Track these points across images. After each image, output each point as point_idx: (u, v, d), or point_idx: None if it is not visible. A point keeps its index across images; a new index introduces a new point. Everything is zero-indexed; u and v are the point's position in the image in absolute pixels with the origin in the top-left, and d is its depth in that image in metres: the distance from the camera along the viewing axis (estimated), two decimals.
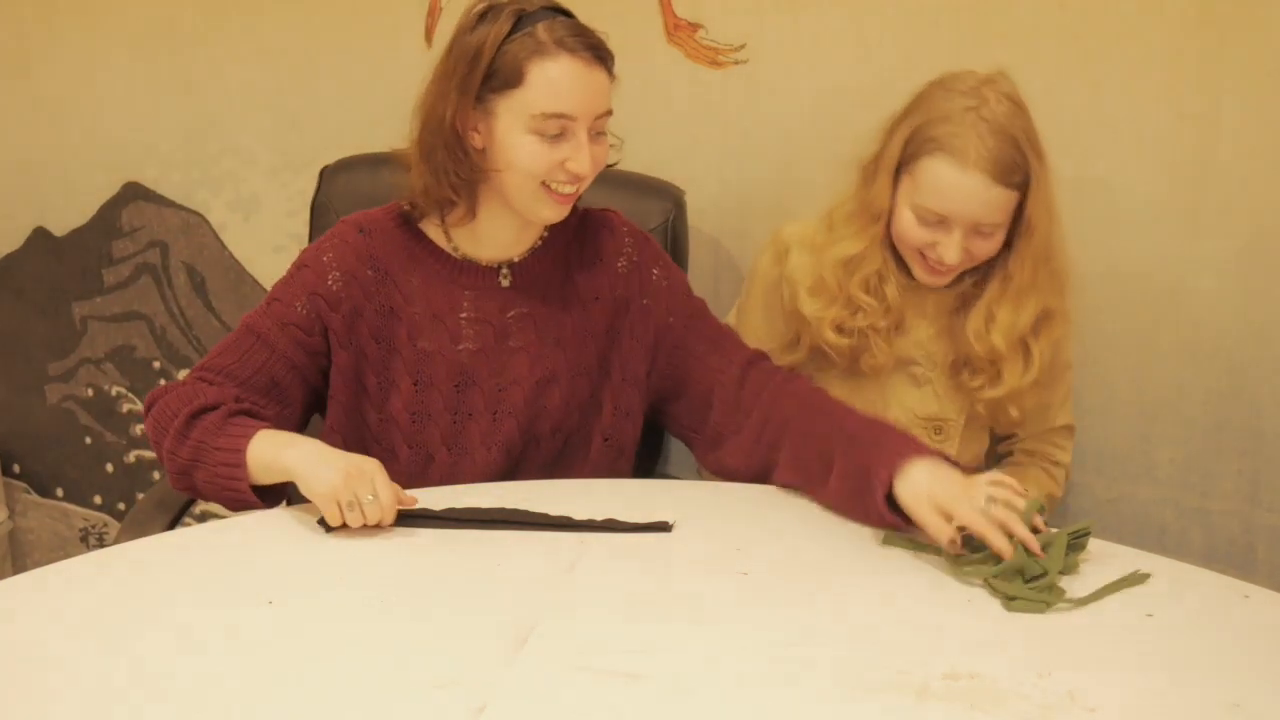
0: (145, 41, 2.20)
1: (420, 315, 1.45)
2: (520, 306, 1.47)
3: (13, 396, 2.51)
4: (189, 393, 1.39)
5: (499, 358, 1.46)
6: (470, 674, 1.05)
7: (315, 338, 1.44)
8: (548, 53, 1.34)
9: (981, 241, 1.48)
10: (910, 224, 1.48)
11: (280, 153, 2.18)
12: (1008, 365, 1.52)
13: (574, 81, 1.34)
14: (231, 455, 1.33)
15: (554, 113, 1.35)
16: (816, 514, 1.38)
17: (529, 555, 1.26)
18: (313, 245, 1.48)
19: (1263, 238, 1.63)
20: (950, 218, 1.45)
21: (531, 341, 1.47)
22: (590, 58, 1.35)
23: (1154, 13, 1.61)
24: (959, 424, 1.58)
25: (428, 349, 1.45)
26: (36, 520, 2.58)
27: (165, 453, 1.38)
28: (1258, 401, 1.69)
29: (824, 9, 1.74)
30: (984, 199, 1.44)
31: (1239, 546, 1.75)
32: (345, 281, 1.43)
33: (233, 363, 1.42)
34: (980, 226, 1.46)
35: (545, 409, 1.47)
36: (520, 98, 1.35)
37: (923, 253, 1.50)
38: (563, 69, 1.34)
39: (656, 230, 1.71)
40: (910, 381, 1.58)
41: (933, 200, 1.45)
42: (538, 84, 1.34)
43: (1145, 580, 1.21)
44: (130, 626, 1.12)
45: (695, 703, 1.02)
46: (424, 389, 1.45)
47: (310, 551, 1.27)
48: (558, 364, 1.47)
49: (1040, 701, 1.02)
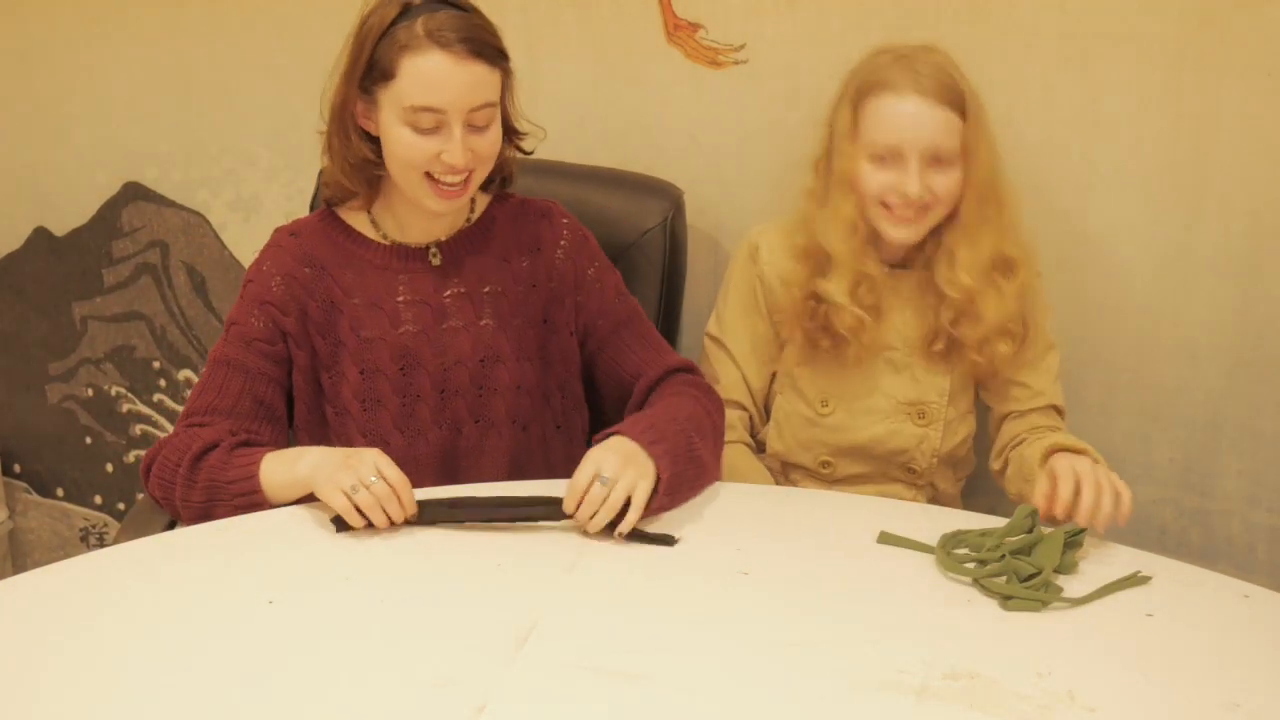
0: (146, 41, 2.20)
1: (359, 305, 1.47)
2: (456, 287, 1.50)
3: (13, 396, 2.51)
4: (184, 442, 1.40)
5: (440, 338, 1.48)
6: (470, 674, 1.05)
7: (279, 345, 1.47)
8: (418, 46, 1.36)
9: (938, 175, 1.49)
10: (868, 173, 1.51)
11: (280, 153, 2.18)
12: (981, 299, 1.53)
13: (443, 76, 1.36)
14: (246, 484, 1.35)
15: (423, 106, 1.37)
16: (816, 514, 1.39)
17: (529, 555, 1.26)
18: (253, 262, 1.51)
19: (1263, 238, 1.63)
20: (901, 147, 1.48)
21: (470, 321, 1.49)
22: (463, 51, 1.36)
23: (1154, 13, 1.61)
24: (941, 406, 1.59)
25: (370, 336, 1.47)
26: (36, 520, 2.58)
27: (178, 502, 1.39)
28: (1257, 401, 1.69)
29: (824, 9, 1.74)
30: (928, 119, 1.47)
31: (1239, 546, 1.75)
32: (287, 284, 1.47)
33: (215, 398, 1.44)
34: (934, 153, 1.48)
35: (494, 389, 1.50)
36: (394, 90, 1.38)
37: (885, 202, 1.51)
38: (432, 63, 1.36)
39: (655, 230, 1.72)
40: (890, 368, 1.59)
41: (880, 133, 1.49)
42: (407, 77, 1.37)
43: (1146, 582, 1.21)
44: (130, 626, 1.12)
45: (695, 703, 1.02)
46: (370, 376, 1.47)
47: (310, 551, 1.27)
48: (500, 344, 1.50)
49: (1040, 701, 1.02)
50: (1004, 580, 1.20)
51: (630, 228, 1.71)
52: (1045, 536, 1.27)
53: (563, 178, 1.70)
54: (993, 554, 1.24)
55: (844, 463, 1.62)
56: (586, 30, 1.90)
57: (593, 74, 1.91)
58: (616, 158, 1.88)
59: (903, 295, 1.59)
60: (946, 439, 1.60)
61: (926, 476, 1.62)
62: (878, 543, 1.29)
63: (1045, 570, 1.20)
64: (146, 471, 1.43)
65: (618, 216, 1.70)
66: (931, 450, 1.60)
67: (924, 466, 1.61)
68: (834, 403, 1.60)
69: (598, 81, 1.91)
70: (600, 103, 1.92)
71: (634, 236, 1.71)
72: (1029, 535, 1.28)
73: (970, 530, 1.29)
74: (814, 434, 1.62)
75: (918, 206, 1.50)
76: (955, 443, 1.61)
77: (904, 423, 1.59)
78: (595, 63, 1.91)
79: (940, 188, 1.50)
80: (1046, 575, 1.20)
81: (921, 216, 1.52)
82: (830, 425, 1.60)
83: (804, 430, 1.62)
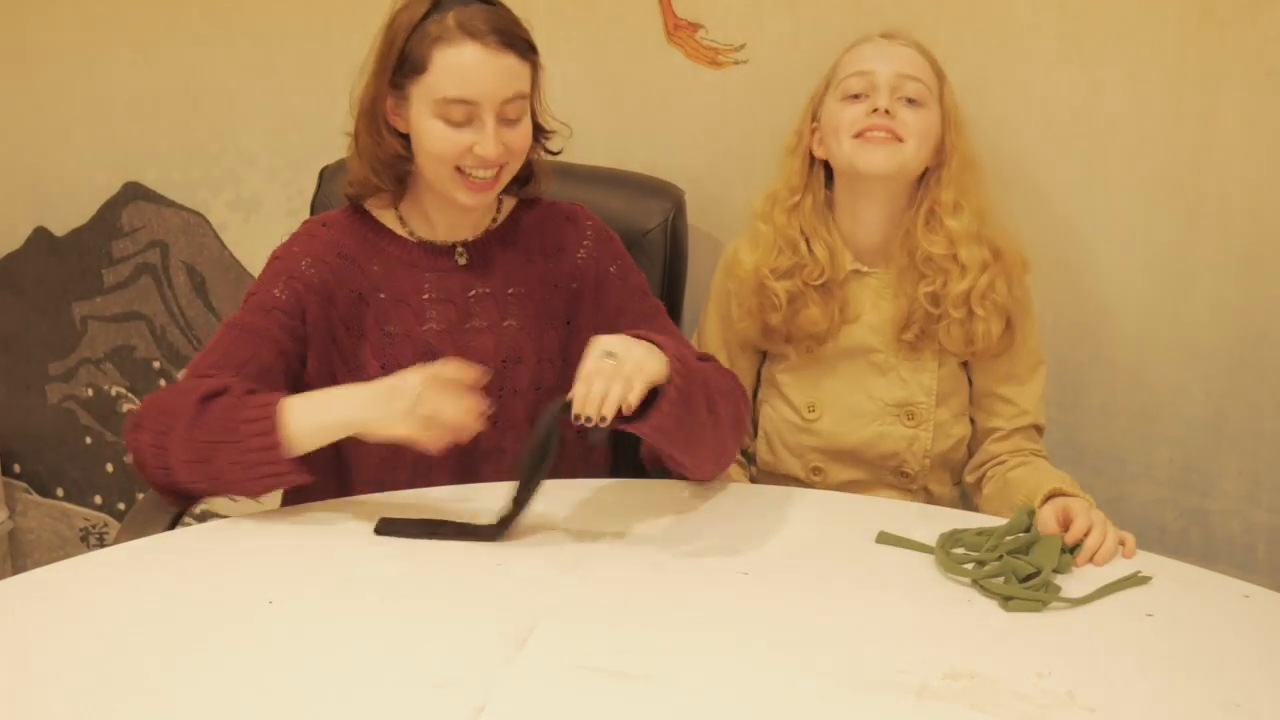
0: (146, 41, 2.20)
1: (386, 300, 1.47)
2: (480, 287, 1.49)
3: (13, 396, 2.51)
4: (190, 386, 1.34)
5: (463, 337, 1.48)
6: (470, 674, 1.05)
7: (297, 321, 1.44)
8: (451, 38, 1.36)
9: (910, 111, 1.53)
10: (838, 110, 1.55)
11: (280, 153, 2.18)
12: (963, 248, 1.53)
13: (476, 67, 1.36)
14: (263, 424, 1.27)
15: (456, 98, 1.37)
16: (816, 514, 1.39)
17: (529, 555, 1.26)
18: (281, 245, 1.50)
19: (1263, 238, 1.63)
20: (871, 76, 1.53)
21: (494, 322, 1.49)
22: (496, 43, 1.37)
23: (1154, 13, 1.61)
24: (929, 406, 1.59)
25: (394, 332, 1.47)
26: (36, 520, 2.58)
27: (179, 441, 1.29)
28: (1258, 401, 1.69)
29: (824, 9, 1.74)
30: (898, 52, 1.54)
31: (1239, 546, 1.74)
32: (317, 267, 1.46)
33: (223, 356, 1.39)
34: (904, 82, 1.53)
35: (515, 391, 1.49)
36: (426, 83, 1.38)
37: (859, 133, 1.52)
38: (464, 55, 1.36)
39: (656, 230, 1.72)
40: (874, 370, 1.59)
41: (852, 66, 1.55)
42: (440, 69, 1.37)
43: (1146, 582, 1.22)
44: (130, 626, 1.12)
45: (695, 703, 1.02)
46: (391, 371, 1.45)
47: (310, 551, 1.27)
48: (522, 345, 1.49)
49: (1040, 701, 1.02)
50: (1003, 581, 1.20)
51: (631, 228, 1.71)
52: (1043, 537, 1.27)
53: (563, 178, 1.70)
54: (991, 554, 1.24)
55: (835, 469, 1.62)
56: (586, 30, 1.90)
57: (593, 74, 1.91)
58: (616, 158, 1.88)
59: (876, 292, 1.59)
60: (938, 440, 1.59)
61: (920, 480, 1.61)
62: (876, 543, 1.29)
63: (1044, 570, 1.20)
64: (138, 420, 1.35)
65: (618, 216, 1.70)
66: (923, 451, 1.59)
67: (916, 469, 1.60)
68: (820, 408, 1.60)
69: (598, 81, 1.91)
70: (600, 103, 1.92)
71: (635, 237, 1.71)
72: (1026, 535, 1.28)
73: (968, 529, 1.30)
74: (802, 440, 1.62)
75: (891, 131, 1.51)
76: (948, 445, 1.61)
77: (893, 424, 1.59)
78: (595, 63, 1.91)
79: (913, 121, 1.52)
80: (1046, 575, 1.20)
81: (894, 142, 1.52)
82: (818, 430, 1.60)
83: (792, 437, 1.62)
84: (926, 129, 1.53)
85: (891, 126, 1.51)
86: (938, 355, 1.58)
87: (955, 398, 1.61)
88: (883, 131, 1.51)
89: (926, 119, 1.54)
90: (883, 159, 1.52)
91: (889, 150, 1.52)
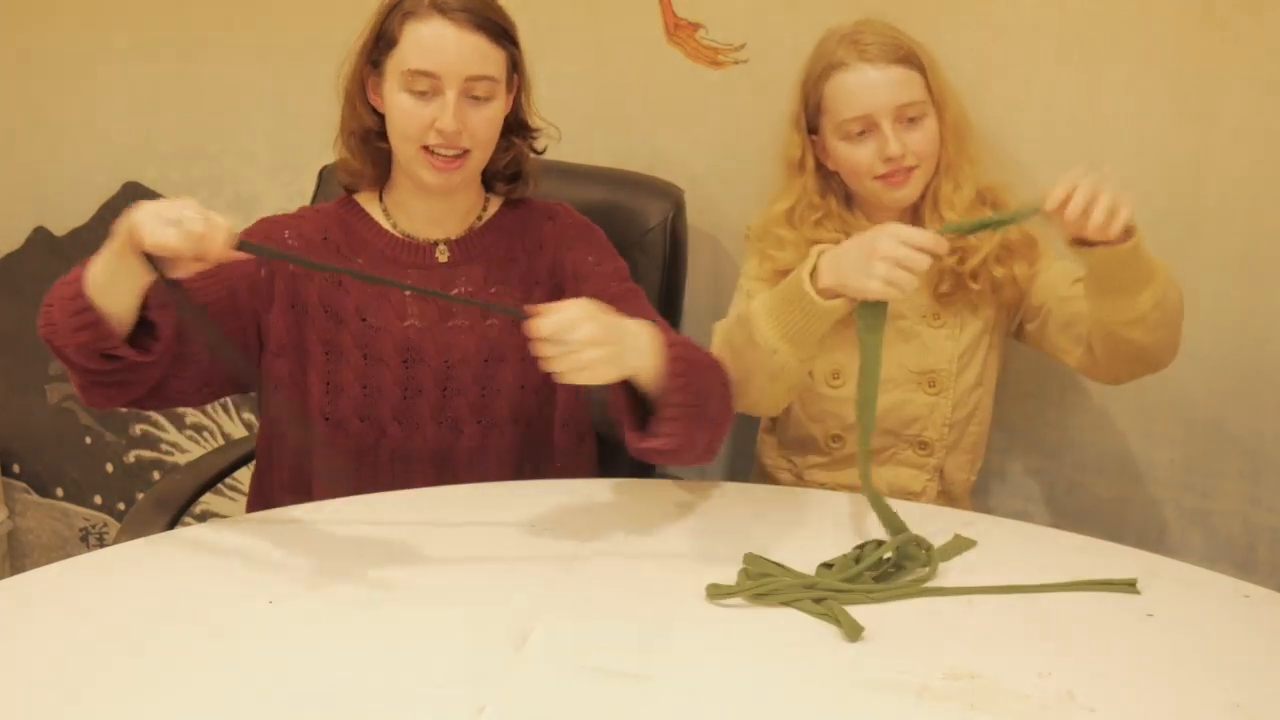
0: (146, 41, 2.20)
1: (368, 292, 1.48)
2: (462, 285, 1.50)
3: (13, 396, 2.51)
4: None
5: (444, 335, 1.48)
6: (470, 674, 1.05)
7: (262, 282, 1.45)
8: (421, 14, 1.40)
9: (913, 133, 1.54)
10: (849, 152, 1.55)
11: (280, 153, 2.18)
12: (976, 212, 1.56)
13: (440, 40, 1.39)
14: (77, 271, 1.26)
15: (418, 69, 1.40)
16: (816, 513, 1.39)
17: (529, 555, 1.26)
18: (272, 215, 1.53)
19: (1263, 238, 1.63)
20: (872, 115, 1.52)
21: (476, 321, 1.49)
22: (464, 19, 1.40)
23: (1154, 13, 1.61)
24: (951, 374, 1.59)
25: (375, 324, 1.48)
26: (36, 520, 2.58)
27: (40, 320, 1.31)
28: (1258, 401, 1.69)
29: (824, 9, 1.74)
30: (886, 80, 1.52)
31: (1239, 546, 1.74)
32: (299, 242, 1.48)
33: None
34: (902, 111, 1.53)
35: (498, 389, 1.49)
36: (396, 57, 1.41)
37: (876, 175, 1.54)
38: (431, 28, 1.39)
39: (656, 229, 1.71)
40: (900, 337, 1.60)
41: (846, 108, 1.54)
42: (407, 41, 1.40)
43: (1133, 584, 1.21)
44: (130, 627, 1.12)
45: (696, 702, 1.02)
46: (373, 363, 1.48)
47: (310, 551, 1.27)
48: (504, 344, 1.49)
49: (1040, 701, 1.02)
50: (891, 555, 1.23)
51: (631, 228, 1.71)
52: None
53: (563, 177, 1.70)
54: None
55: (854, 437, 1.61)
56: (586, 30, 1.90)
57: (593, 74, 1.91)
58: (616, 158, 1.88)
59: None
60: (958, 408, 1.61)
61: (938, 456, 1.62)
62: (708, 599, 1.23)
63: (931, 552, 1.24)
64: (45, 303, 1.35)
65: (618, 216, 1.70)
66: (943, 420, 1.60)
67: (935, 438, 1.61)
68: (845, 375, 1.60)
69: (598, 81, 1.91)
70: (600, 103, 1.92)
71: (635, 236, 1.71)
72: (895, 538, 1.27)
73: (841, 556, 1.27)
74: (826, 407, 1.62)
75: (904, 168, 1.54)
76: (966, 413, 1.62)
77: (915, 392, 1.60)
78: (595, 63, 1.91)
79: (918, 144, 1.54)
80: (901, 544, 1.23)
81: (911, 175, 1.55)
82: (842, 398, 1.60)
83: (815, 405, 1.63)
84: (930, 139, 1.55)
85: (906, 165, 1.54)
86: (961, 318, 1.60)
87: (975, 365, 1.62)
88: (901, 174, 1.54)
89: (928, 129, 1.55)
90: (908, 193, 1.56)
91: (911, 184, 1.56)
